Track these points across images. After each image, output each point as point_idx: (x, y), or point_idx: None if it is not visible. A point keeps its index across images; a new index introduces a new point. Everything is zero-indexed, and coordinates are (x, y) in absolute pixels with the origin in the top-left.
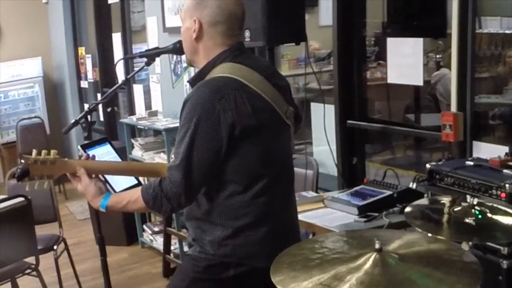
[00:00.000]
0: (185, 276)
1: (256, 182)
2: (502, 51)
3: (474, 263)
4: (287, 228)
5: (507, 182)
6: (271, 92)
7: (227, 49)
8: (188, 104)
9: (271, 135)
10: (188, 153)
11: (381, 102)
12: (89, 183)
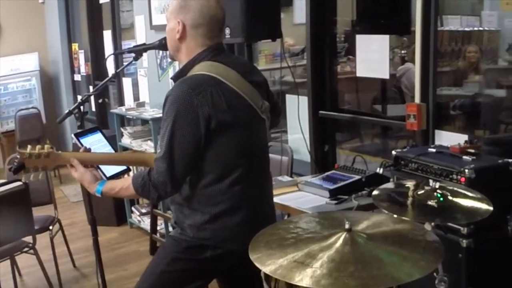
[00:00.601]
0: (166, 255)
1: (232, 172)
2: (462, 47)
3: (436, 242)
4: (262, 214)
5: (466, 167)
6: (247, 89)
7: (207, 49)
8: (169, 99)
9: (246, 128)
10: (170, 145)
11: (350, 94)
12: (85, 172)
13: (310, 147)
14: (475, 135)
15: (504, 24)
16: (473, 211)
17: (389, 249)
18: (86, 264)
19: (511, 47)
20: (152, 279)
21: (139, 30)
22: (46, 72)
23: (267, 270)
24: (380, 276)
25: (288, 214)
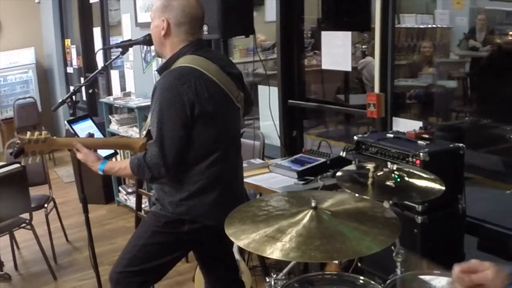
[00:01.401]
0: (147, 229)
1: (210, 155)
2: (417, 43)
3: (394, 218)
4: (234, 193)
5: (421, 151)
6: (225, 80)
7: (189, 44)
8: (157, 90)
9: (224, 116)
10: (160, 132)
11: (316, 85)
12: (88, 153)
13: (280, 133)
14: (429, 122)
15: (455, 21)
16: (427, 191)
17: (351, 225)
18: (78, 239)
19: (461, 43)
20: (134, 251)
21: (125, 27)
22: (42, 65)
23: (241, 244)
24: (343, 249)
25: (260, 193)
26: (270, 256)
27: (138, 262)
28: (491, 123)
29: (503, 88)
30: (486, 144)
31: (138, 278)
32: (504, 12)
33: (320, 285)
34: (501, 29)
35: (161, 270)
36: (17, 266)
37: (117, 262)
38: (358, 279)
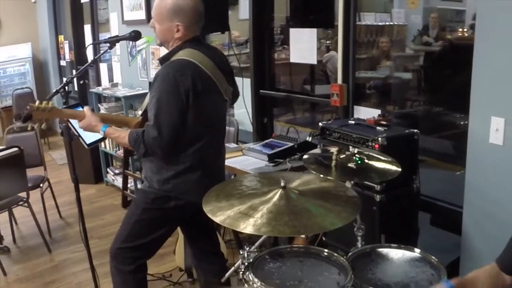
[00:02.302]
0: (138, 206)
1: (197, 141)
2: (376, 38)
3: (355, 197)
4: (216, 173)
5: (379, 136)
6: (217, 75)
7: (190, 39)
8: (158, 79)
9: (213, 107)
10: (158, 116)
11: (285, 76)
12: (91, 116)
13: (252, 120)
14: (387, 110)
15: (410, 19)
16: (385, 172)
17: (317, 202)
18: (70, 215)
19: (416, 38)
20: (128, 228)
21: (113, 25)
22: (38, 59)
23: (218, 220)
24: (309, 224)
25: (234, 174)
26: (243, 231)
27: (132, 239)
28: (443, 111)
29: (453, 79)
30: (438, 130)
31: (134, 254)
32: (454, 11)
33: (289, 257)
34: (451, 26)
35: (153, 246)
36: (15, 240)
37: (115, 239)
38: (323, 251)
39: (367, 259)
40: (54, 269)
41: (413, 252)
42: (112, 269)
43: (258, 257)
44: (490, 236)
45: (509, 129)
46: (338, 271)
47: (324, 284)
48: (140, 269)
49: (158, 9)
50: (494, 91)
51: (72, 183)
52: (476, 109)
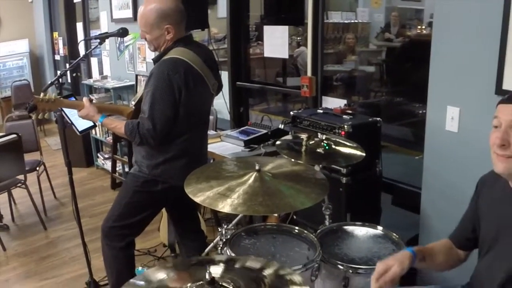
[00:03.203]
0: (129, 189)
1: (186, 131)
2: (342, 35)
3: (323, 179)
4: (199, 160)
5: (345, 124)
6: (205, 71)
7: (181, 38)
8: (153, 76)
9: (201, 100)
10: (152, 110)
11: (259, 69)
12: (89, 106)
13: (229, 109)
14: (352, 100)
15: (374, 17)
16: (350, 156)
17: (288, 184)
18: (64, 196)
19: (378, 35)
20: (120, 209)
21: (103, 22)
22: (34, 53)
23: (198, 200)
24: (281, 204)
25: (213, 159)
26: (221, 210)
27: (123, 218)
28: (403, 101)
29: (412, 72)
30: (398, 118)
31: (124, 232)
32: (413, 10)
33: (263, 234)
34: (411, 24)
35: (141, 225)
36: (14, 219)
37: (107, 218)
38: (294, 229)
39: (334, 236)
40: (49, 245)
41: (376, 229)
42: (104, 245)
43: (235, 234)
44: (446, 215)
45: (463, 118)
46: (308, 247)
47: (295, 258)
48: (129, 246)
49: (144, 20)
50: (450, 83)
51: (66, 167)
52: (433, 99)
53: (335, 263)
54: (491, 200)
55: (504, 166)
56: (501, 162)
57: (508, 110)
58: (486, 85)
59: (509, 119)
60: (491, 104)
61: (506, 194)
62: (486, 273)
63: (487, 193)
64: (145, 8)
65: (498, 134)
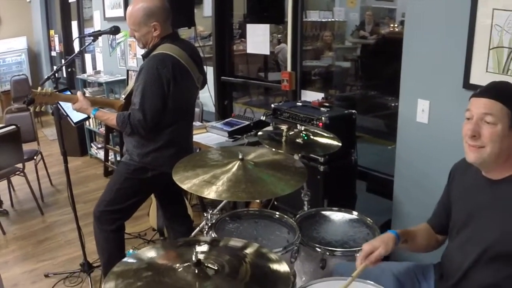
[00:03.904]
0: (120, 176)
1: (174, 122)
2: (320, 33)
3: (302, 167)
4: (186, 149)
5: (323, 115)
6: (191, 65)
7: (167, 35)
8: (143, 71)
9: (187, 92)
10: (142, 103)
11: (242, 65)
12: (83, 100)
13: (214, 102)
14: (329, 93)
15: (349, 16)
16: (327, 146)
17: (269, 172)
18: (60, 183)
19: (354, 33)
20: (111, 194)
21: (96, 21)
22: (32, 50)
23: (185, 187)
24: (263, 191)
25: (199, 148)
26: (207, 196)
27: (114, 203)
28: (377, 94)
29: (385, 67)
30: (372, 111)
31: (114, 216)
32: (386, 9)
33: (246, 219)
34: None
35: (131, 209)
36: (13, 204)
37: (98, 203)
38: (275, 214)
39: (312, 220)
40: (46, 229)
41: (351, 214)
42: (96, 228)
43: (220, 219)
44: (417, 201)
45: (433, 110)
46: (288, 231)
47: (276, 241)
48: (120, 229)
49: (132, 19)
50: (420, 78)
51: (61, 156)
52: (405, 93)
53: (313, 246)
54: (463, 186)
55: (475, 156)
56: (472, 152)
57: (480, 104)
58: (454, 79)
59: (480, 112)
60: (459, 97)
61: (478, 181)
62: (456, 254)
63: (460, 180)
64: (133, 8)
65: (470, 126)
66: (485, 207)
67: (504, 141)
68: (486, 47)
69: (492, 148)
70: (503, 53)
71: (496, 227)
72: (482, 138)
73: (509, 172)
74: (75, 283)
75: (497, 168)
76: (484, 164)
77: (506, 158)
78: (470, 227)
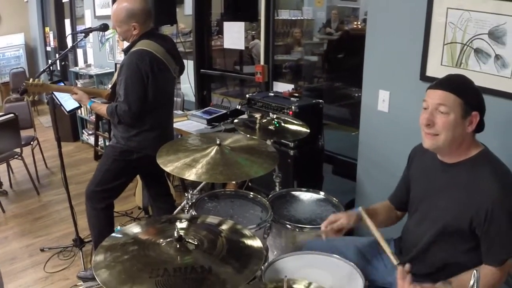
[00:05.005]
0: (108, 158)
1: (155, 109)
2: (290, 30)
3: (274, 152)
4: (167, 133)
5: (293, 105)
6: (168, 58)
7: (145, 32)
8: (125, 66)
9: (165, 83)
10: (126, 94)
11: (220, 59)
12: (82, 93)
13: (194, 92)
14: (298, 84)
15: (317, 15)
16: (297, 132)
17: (244, 156)
18: (54, 166)
19: (321, 30)
20: (101, 175)
21: (87, 19)
22: (29, 45)
23: (168, 169)
24: (239, 173)
25: (180, 135)
26: (188, 178)
27: (103, 183)
28: (342, 85)
29: (349, 61)
30: (338, 100)
31: (104, 195)
32: (350, 8)
33: (223, 198)
34: (348, 20)
35: (119, 189)
36: (12, 185)
37: (89, 183)
38: (249, 194)
39: (283, 200)
40: (42, 208)
41: (318, 194)
42: (87, 207)
43: (199, 199)
44: (377, 182)
45: (393, 100)
46: (261, 209)
47: (250, 219)
48: (109, 207)
49: (116, 16)
50: (381, 70)
51: (55, 141)
52: (367, 84)
53: (284, 223)
54: (421, 167)
55: (430, 142)
56: (428, 139)
57: (435, 95)
58: (412, 72)
59: (435, 103)
60: (416, 89)
61: (434, 164)
62: (414, 230)
63: (418, 162)
64: (117, 6)
65: (426, 115)
66: (440, 188)
67: (456, 129)
68: (441, 42)
69: (445, 136)
70: (456, 48)
71: (450, 206)
72: (436, 127)
73: (462, 157)
74: (68, 256)
75: (451, 153)
76: (439, 149)
77: (459, 144)
78: (427, 205)
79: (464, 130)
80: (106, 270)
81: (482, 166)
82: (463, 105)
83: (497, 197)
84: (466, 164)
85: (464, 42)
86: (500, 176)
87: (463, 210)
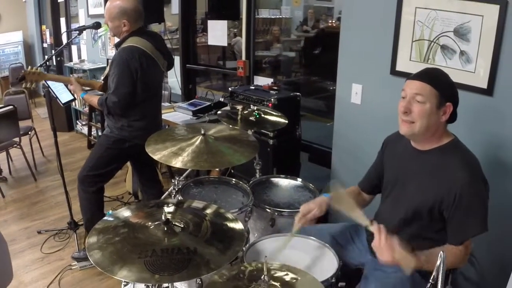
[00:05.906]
0: (101, 146)
1: (144, 101)
2: (270, 28)
3: (255, 141)
4: (156, 124)
5: (272, 97)
6: (156, 54)
7: (135, 30)
8: (115, 62)
9: (154, 77)
10: (117, 88)
11: (204, 54)
12: (76, 83)
13: (181, 85)
14: (277, 78)
15: (294, 14)
16: (276, 123)
17: (227, 145)
18: (50, 154)
19: (298, 27)
20: (93, 161)
21: (81, 17)
22: (27, 42)
23: (156, 157)
24: (222, 161)
25: (168, 125)
26: (174, 165)
27: (96, 168)
28: (318, 79)
29: (324, 57)
30: (314, 93)
31: (95, 179)
32: (326, 7)
33: (207, 184)
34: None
35: (110, 174)
36: (11, 172)
37: (82, 168)
38: (231, 180)
39: (263, 186)
40: (39, 193)
41: (296, 181)
42: (80, 190)
43: (185, 185)
44: (351, 169)
45: (365, 93)
46: (243, 194)
47: (233, 203)
48: (100, 190)
49: (108, 13)
50: (354, 65)
51: (52, 131)
52: (341, 78)
53: (264, 207)
54: (394, 154)
55: (406, 129)
56: (404, 126)
57: (413, 85)
58: (383, 67)
59: (412, 92)
60: (387, 82)
61: (408, 150)
62: (387, 213)
63: (392, 149)
64: (111, 3)
65: (403, 104)
66: (413, 173)
67: (431, 118)
68: (410, 39)
69: (421, 123)
70: (424, 45)
71: (422, 190)
72: (413, 114)
73: (435, 144)
74: (63, 238)
75: (425, 140)
76: (414, 136)
77: (433, 132)
78: (400, 190)
79: (438, 119)
80: (98, 251)
81: (452, 154)
82: (438, 96)
83: (466, 182)
84: (438, 151)
85: (431, 39)
86: (468, 164)
87: (433, 194)
